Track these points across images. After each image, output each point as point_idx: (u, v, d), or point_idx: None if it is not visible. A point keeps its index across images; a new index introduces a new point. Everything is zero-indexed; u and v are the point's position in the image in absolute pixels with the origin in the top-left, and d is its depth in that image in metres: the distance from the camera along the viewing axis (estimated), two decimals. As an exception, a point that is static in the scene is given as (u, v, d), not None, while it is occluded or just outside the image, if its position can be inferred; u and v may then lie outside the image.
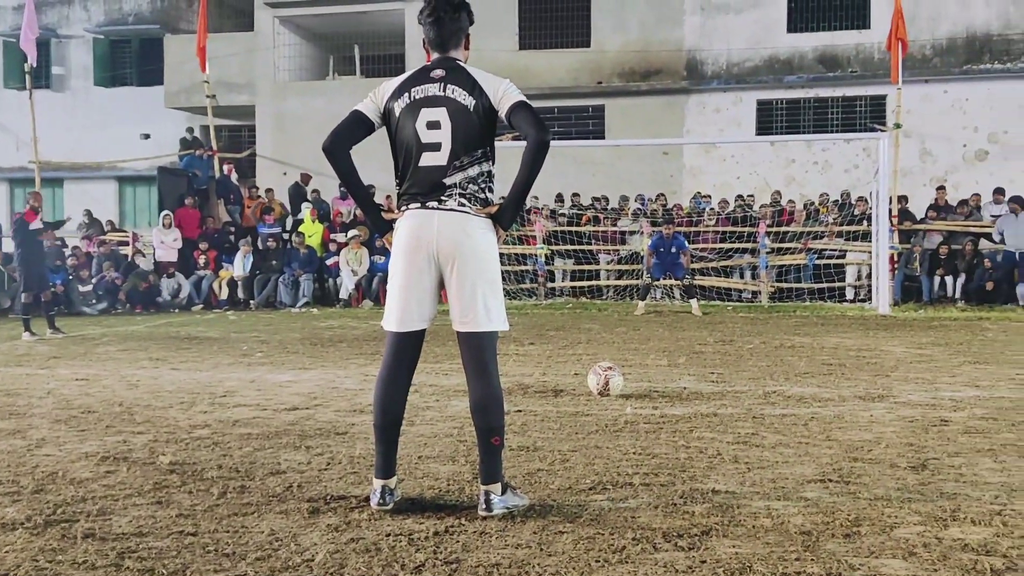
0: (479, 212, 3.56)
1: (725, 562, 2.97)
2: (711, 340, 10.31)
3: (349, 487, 3.96)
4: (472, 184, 3.56)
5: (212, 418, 5.60)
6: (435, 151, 3.55)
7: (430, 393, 6.55)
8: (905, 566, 2.93)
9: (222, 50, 21.36)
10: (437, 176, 3.55)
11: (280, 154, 21.92)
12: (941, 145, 19.27)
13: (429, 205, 3.55)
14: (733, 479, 4.06)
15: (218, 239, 17.84)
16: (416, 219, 3.57)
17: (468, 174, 3.55)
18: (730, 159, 20.22)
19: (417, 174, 3.58)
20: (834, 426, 5.27)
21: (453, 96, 3.55)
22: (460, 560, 3.01)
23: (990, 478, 4.05)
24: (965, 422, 5.36)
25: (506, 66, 20.77)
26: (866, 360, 8.42)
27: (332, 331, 11.87)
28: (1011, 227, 15.45)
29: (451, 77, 3.59)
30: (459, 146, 3.54)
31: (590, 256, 17.33)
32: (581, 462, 4.38)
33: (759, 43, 20.14)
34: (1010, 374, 7.45)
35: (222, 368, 8.08)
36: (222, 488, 3.92)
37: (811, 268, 16.27)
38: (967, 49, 19.34)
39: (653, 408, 5.88)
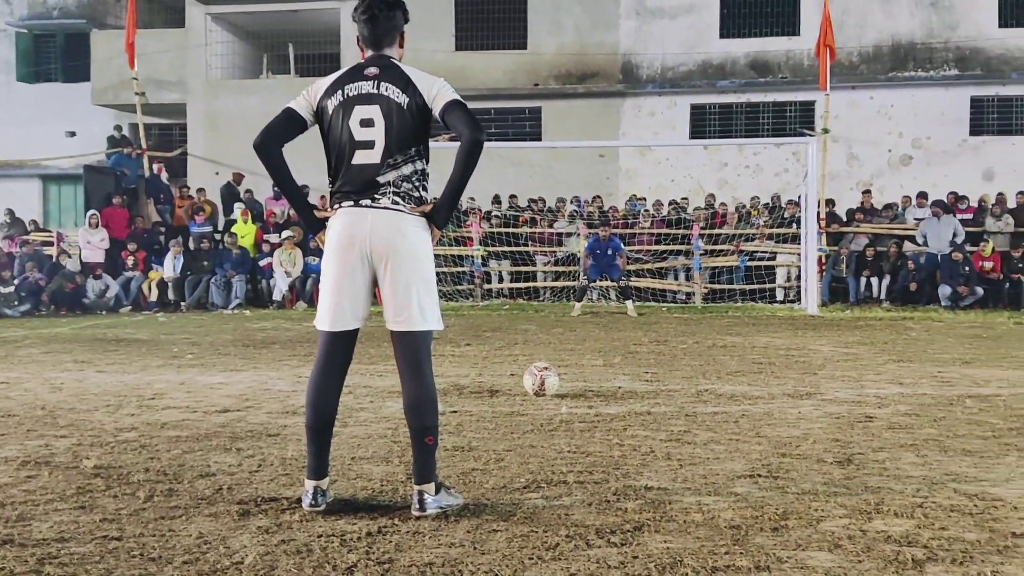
0: (413, 211, 3.54)
1: (656, 557, 3.00)
2: (646, 340, 10.42)
3: (281, 489, 3.90)
4: (406, 182, 3.53)
5: (139, 421, 5.47)
6: (368, 149, 3.52)
7: (364, 394, 6.50)
8: (830, 558, 3.00)
9: (152, 47, 20.94)
10: (370, 174, 3.52)
11: (212, 153, 21.56)
12: (867, 150, 19.77)
13: (362, 203, 3.52)
14: (665, 476, 4.10)
15: (147, 239, 17.46)
16: (349, 217, 3.53)
17: (402, 172, 3.53)
18: (665, 162, 20.48)
19: (350, 172, 3.54)
20: (764, 423, 5.36)
21: (387, 94, 3.53)
22: (393, 560, 2.99)
23: (912, 472, 4.16)
24: (889, 418, 5.50)
25: (442, 66, 20.73)
26: (795, 359, 8.59)
27: (265, 333, 11.70)
28: (933, 230, 15.91)
29: (385, 75, 3.56)
30: (393, 144, 3.51)
31: (527, 257, 17.38)
32: (516, 461, 4.39)
33: (693, 48, 20.43)
34: (932, 372, 7.67)
35: (151, 370, 7.90)
36: (149, 491, 3.83)
37: (743, 270, 16.56)
38: (892, 57, 19.87)
39: (588, 407, 5.91)
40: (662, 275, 17.11)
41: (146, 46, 20.26)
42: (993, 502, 3.65)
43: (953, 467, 4.25)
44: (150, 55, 20.64)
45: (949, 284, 15.19)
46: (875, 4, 19.86)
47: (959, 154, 19.48)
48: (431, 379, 3.58)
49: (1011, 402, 6.11)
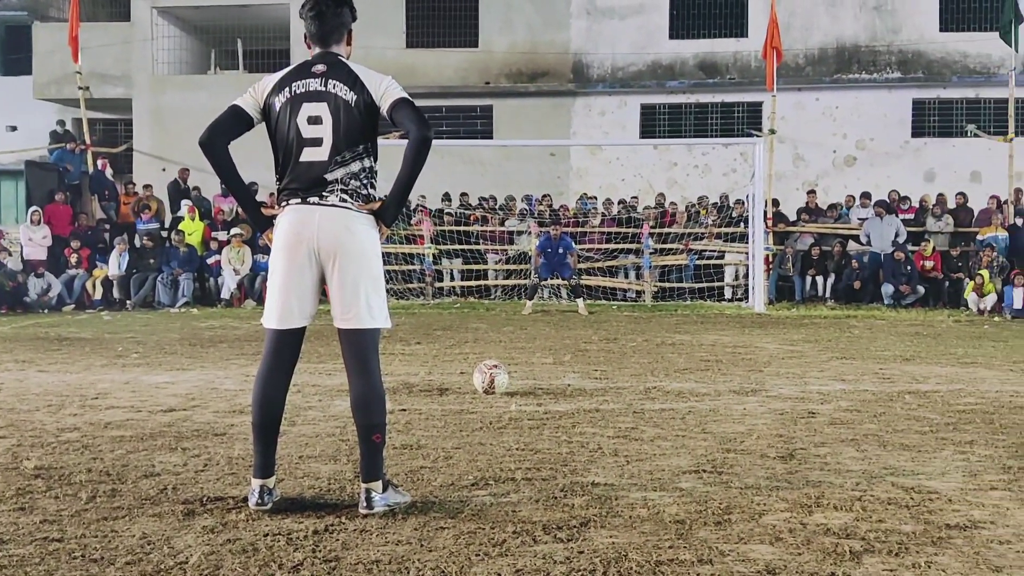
0: (361, 208, 3.54)
1: (602, 552, 3.04)
2: (596, 339, 10.49)
3: (227, 488, 3.87)
4: (354, 180, 3.53)
5: (82, 421, 5.38)
6: (316, 146, 3.52)
7: (312, 393, 6.47)
8: (772, 551, 3.06)
9: (96, 40, 20.53)
10: (318, 171, 3.51)
11: (158, 149, 21.21)
12: (812, 151, 20.10)
13: (310, 201, 3.51)
14: (612, 472, 4.14)
15: (91, 237, 17.14)
16: (297, 215, 3.52)
17: (350, 170, 3.52)
18: (615, 161, 20.61)
19: (298, 169, 3.54)
20: (709, 419, 5.44)
21: (334, 91, 3.52)
22: (340, 558, 2.99)
23: (852, 466, 4.25)
24: (831, 414, 5.61)
25: (393, 64, 20.64)
26: (741, 356, 8.72)
27: (212, 331, 11.56)
28: (876, 230, 16.24)
29: (332, 72, 3.56)
30: (340, 141, 3.51)
31: (478, 256, 17.39)
32: (464, 459, 4.40)
33: (642, 48, 20.59)
34: (874, 369, 7.84)
35: (94, 370, 7.77)
36: (91, 492, 3.78)
37: (691, 268, 16.73)
38: (837, 59, 20.22)
39: (537, 405, 5.94)
40: (612, 274, 17.23)
41: (90, 39, 19.85)
42: (929, 495, 3.75)
43: (891, 461, 4.36)
44: (94, 49, 20.23)
45: (891, 283, 15.51)
46: (820, 7, 20.19)
47: (901, 155, 19.89)
48: (379, 377, 3.59)
49: (949, 398, 6.27)
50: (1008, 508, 3.57)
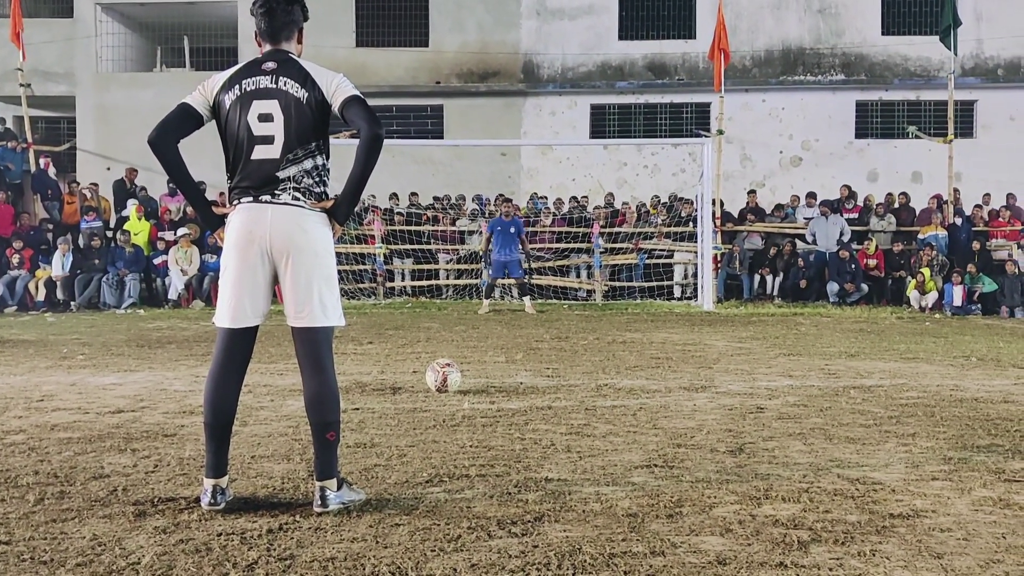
0: (314, 206, 3.54)
1: (556, 546, 3.07)
2: (547, 337, 10.55)
3: (178, 488, 3.84)
4: (307, 177, 3.53)
5: (28, 423, 5.29)
6: (268, 144, 3.51)
7: (264, 393, 6.42)
8: (722, 542, 3.12)
9: (37, 37, 20.09)
10: (270, 169, 3.50)
11: (103, 148, 20.85)
12: (759, 151, 20.40)
13: (262, 199, 3.50)
14: (565, 467, 4.19)
15: (34, 237, 16.79)
16: (249, 213, 3.51)
17: (302, 167, 3.52)
18: (565, 161, 20.72)
19: (249, 167, 3.52)
20: (660, 415, 5.51)
21: (285, 88, 3.51)
22: (294, 556, 2.99)
23: (799, 459, 4.35)
24: (779, 409, 5.72)
25: (343, 63, 20.53)
26: (691, 354, 8.83)
27: (160, 332, 11.40)
28: (821, 229, 16.55)
29: (283, 69, 3.55)
30: (292, 139, 3.50)
31: (429, 256, 17.36)
32: (418, 456, 4.41)
33: (592, 49, 20.73)
34: (820, 365, 8.00)
35: (39, 372, 7.63)
36: (39, 494, 3.72)
37: (641, 267, 16.88)
38: (783, 61, 20.55)
39: (490, 403, 5.97)
40: (563, 273, 17.32)
41: (32, 36, 19.41)
42: (873, 486, 3.84)
43: (837, 454, 4.46)
44: (36, 45, 19.79)
45: (836, 281, 15.81)
46: (766, 10, 20.51)
47: (845, 156, 20.28)
48: (333, 375, 3.59)
49: (892, 392, 6.43)
50: (949, 498, 3.68)
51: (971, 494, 3.73)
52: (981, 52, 20.11)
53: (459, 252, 17.44)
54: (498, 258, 14.52)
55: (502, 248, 14.43)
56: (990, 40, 20.01)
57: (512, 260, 14.49)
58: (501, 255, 14.46)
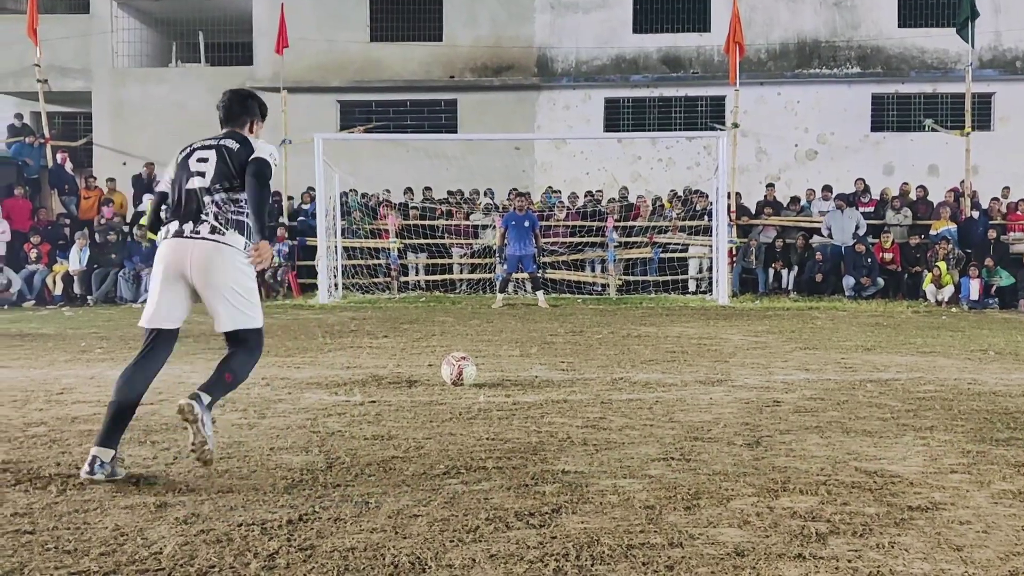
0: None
1: (574, 537, 3.08)
2: (562, 331, 10.55)
3: (198, 481, 3.87)
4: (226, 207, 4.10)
5: (49, 415, 5.34)
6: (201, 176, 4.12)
7: (282, 386, 6.45)
8: (740, 534, 3.13)
9: (54, 32, 20.22)
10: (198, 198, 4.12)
11: (119, 143, 20.96)
12: (775, 144, 20.32)
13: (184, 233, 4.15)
14: (582, 460, 4.20)
15: (51, 232, 16.91)
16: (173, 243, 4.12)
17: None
18: (579, 155, 20.69)
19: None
20: (676, 409, 5.52)
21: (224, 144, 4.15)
22: (315, 546, 3.01)
23: (817, 452, 4.34)
24: (796, 402, 5.71)
25: (357, 58, 20.61)
26: (707, 348, 8.82)
27: (177, 326, 11.45)
28: (837, 223, 16.47)
29: (228, 136, 4.20)
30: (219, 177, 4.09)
31: (443, 250, 17.39)
32: (435, 448, 4.43)
33: (606, 42, 20.68)
34: (836, 358, 7.97)
35: (58, 365, 7.69)
36: (61, 486, 3.76)
37: (656, 261, 16.85)
38: (798, 54, 20.46)
39: (506, 396, 5.98)
40: (578, 267, 17.30)
41: (48, 32, 19.55)
42: (891, 479, 3.84)
43: (855, 447, 4.45)
44: (53, 41, 19.92)
45: (852, 275, 15.74)
46: (781, 3, 20.41)
47: (861, 149, 20.18)
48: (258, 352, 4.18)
49: (908, 386, 6.41)
50: (968, 490, 3.67)
51: (990, 487, 3.72)
52: (999, 44, 19.96)
53: (472, 246, 17.45)
54: (512, 252, 14.54)
55: (516, 242, 14.43)
56: (1008, 32, 19.85)
57: (527, 254, 14.51)
58: (516, 249, 14.47)
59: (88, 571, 2.80)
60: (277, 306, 14.86)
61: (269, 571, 2.80)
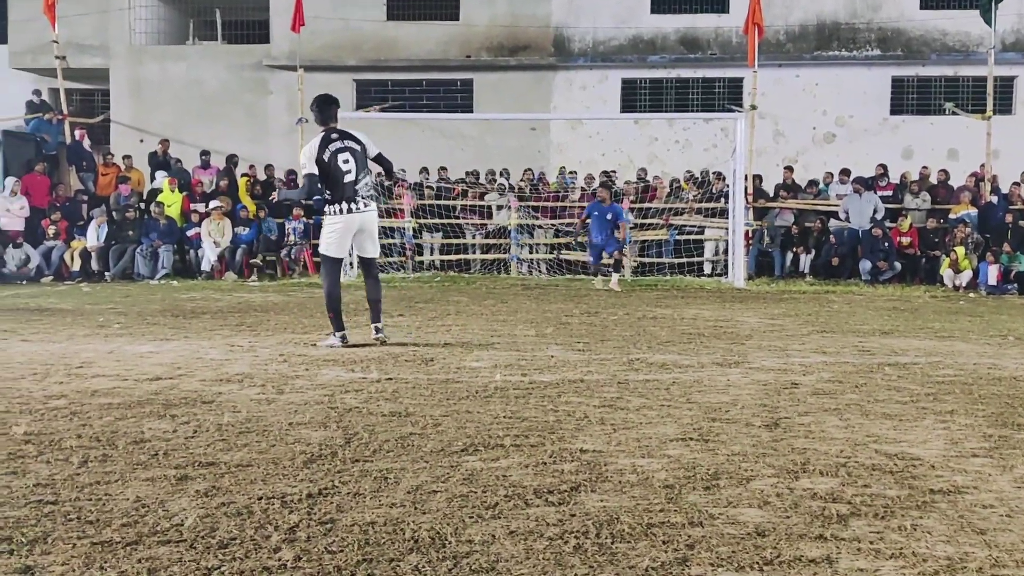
0: None
1: (594, 515, 3.08)
2: (577, 312, 10.54)
3: (218, 453, 3.88)
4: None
5: (69, 388, 5.37)
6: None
7: (299, 363, 6.47)
8: (760, 514, 3.12)
9: (72, 9, 20.20)
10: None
11: (136, 120, 20.98)
12: (792, 127, 20.16)
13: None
14: (600, 439, 4.19)
15: (69, 208, 16.98)
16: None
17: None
18: (596, 136, 20.59)
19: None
20: (694, 390, 5.50)
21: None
22: (335, 520, 3.02)
23: (836, 434, 4.32)
24: (814, 385, 5.68)
25: (373, 37, 20.55)
26: (723, 330, 8.80)
27: (194, 303, 11.51)
28: (855, 206, 16.35)
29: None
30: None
31: (458, 230, 17.36)
32: (453, 426, 4.44)
33: (624, 22, 20.53)
34: (853, 342, 7.93)
35: (77, 339, 7.73)
36: (82, 457, 3.78)
37: (672, 243, 16.79)
38: (817, 36, 20.26)
39: (522, 375, 5.98)
40: (593, 248, 17.21)
41: (67, 9, 19.55)
42: (912, 461, 3.82)
43: (874, 429, 4.43)
44: (71, 18, 19.93)
45: (869, 259, 15.65)
46: (802, -17, 20.20)
47: (880, 132, 20.00)
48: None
49: (928, 369, 6.37)
50: (990, 474, 3.64)
51: (1013, 471, 3.69)
52: (1022, 27, 19.71)
53: (487, 227, 17.42)
54: (596, 242, 14.48)
55: (599, 232, 14.38)
56: (1031, 15, 19.60)
57: (610, 241, 14.48)
58: (598, 239, 14.44)
59: (110, 541, 2.82)
60: (293, 284, 14.90)
61: (290, 544, 2.81)
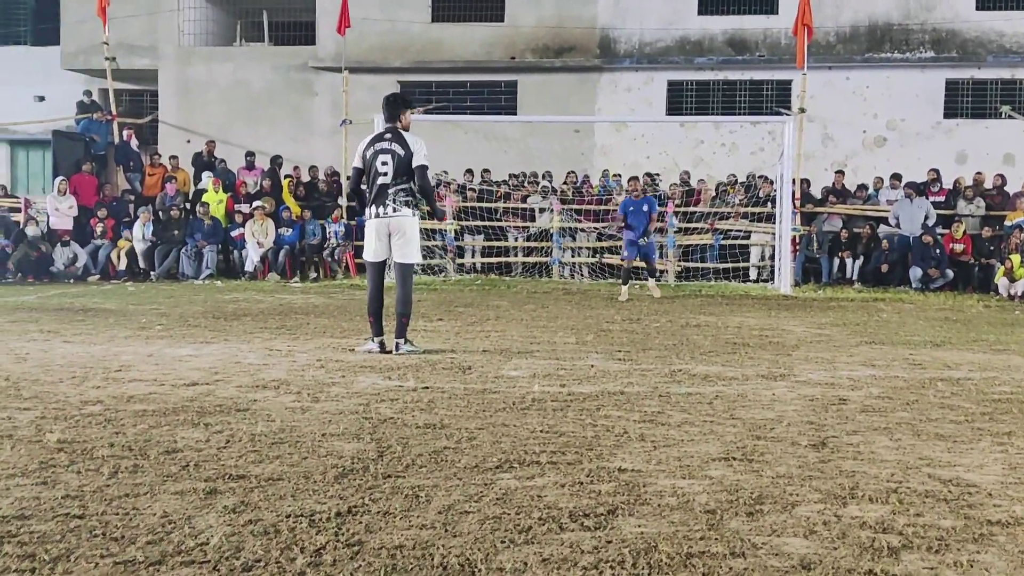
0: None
1: (631, 541, 2.96)
2: (618, 319, 10.39)
3: (249, 466, 3.82)
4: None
5: (105, 394, 5.36)
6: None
7: (335, 368, 6.42)
8: (806, 544, 2.97)
9: (123, 11, 20.48)
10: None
11: (184, 121, 21.22)
12: (842, 130, 19.80)
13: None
14: (639, 457, 4.06)
15: (116, 207, 17.18)
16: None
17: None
18: (640, 138, 20.40)
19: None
20: (738, 404, 5.34)
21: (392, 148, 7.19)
22: (363, 543, 2.93)
23: (886, 456, 4.15)
24: (862, 401, 5.50)
25: (418, 38, 20.54)
26: (768, 340, 8.60)
27: (236, 304, 11.56)
28: (906, 212, 15.98)
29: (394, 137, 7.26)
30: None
31: (500, 233, 17.28)
32: (488, 440, 4.33)
33: (670, 24, 20.31)
34: (904, 354, 7.70)
35: (118, 341, 7.77)
36: (113, 467, 3.74)
37: (717, 248, 16.55)
38: (869, 37, 19.87)
39: (560, 386, 5.86)
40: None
41: (117, 10, 19.81)
42: (968, 488, 3.64)
43: (927, 451, 4.25)
44: (121, 20, 20.21)
45: (920, 266, 15.28)
46: (854, -16, 19.82)
47: (932, 136, 19.56)
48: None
49: (982, 386, 6.14)
50: (1050, 504, 3.46)
51: (1074, 501, 3.50)
52: (1082, 29, 19.16)
53: (529, 229, 17.30)
54: (632, 238, 13.60)
55: (638, 229, 13.51)
56: (1092, 16, 19.04)
57: (650, 241, 13.81)
58: (636, 235, 13.55)
59: (134, 560, 2.75)
60: (335, 285, 14.92)
61: (315, 568, 2.73)
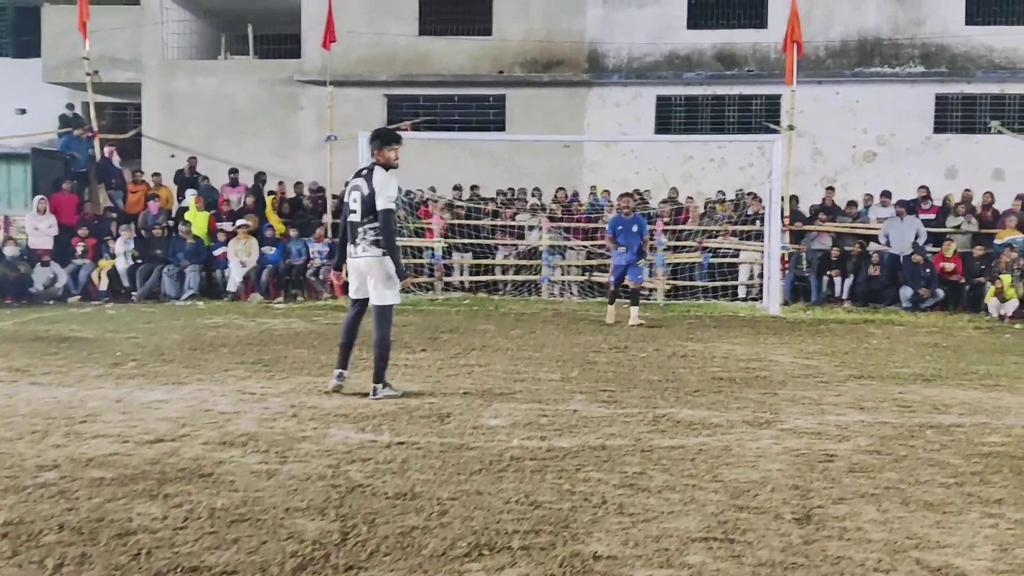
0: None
1: (601, 658, 2.78)
2: (605, 347, 10.23)
3: (204, 553, 3.63)
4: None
5: (64, 455, 5.14)
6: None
7: (308, 417, 6.22)
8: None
9: (105, 23, 20.23)
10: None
11: (167, 135, 21.01)
12: (832, 145, 19.69)
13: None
14: (616, 537, 3.88)
15: (98, 226, 16.94)
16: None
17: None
18: (629, 154, 20.24)
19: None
20: (721, 462, 5.17)
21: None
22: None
23: (873, 534, 3.98)
24: (850, 457, 5.33)
25: (405, 51, 20.38)
26: (755, 374, 8.45)
27: (216, 330, 11.35)
28: (896, 230, 15.82)
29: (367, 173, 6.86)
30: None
31: (488, 250, 17.09)
32: (460, 515, 4.15)
33: (660, 38, 20.19)
34: (893, 393, 7.55)
35: (88, 382, 7.55)
36: (59, 559, 3.54)
37: (706, 266, 16.39)
38: (858, 52, 19.77)
39: (541, 439, 5.68)
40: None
41: (100, 23, 19.55)
42: (957, 578, 3.47)
43: (915, 527, 4.08)
44: (104, 32, 19.96)
45: (910, 286, 15.15)
46: (843, -2, 19.73)
47: (922, 151, 19.47)
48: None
49: (972, 435, 5.98)
50: (1044, 599, 3.29)
51: (1070, 595, 3.34)
52: (1072, 43, 19.09)
53: (518, 247, 17.13)
54: (619, 261, 13.06)
55: (629, 248, 12.92)
56: (1082, 31, 18.97)
57: (634, 262, 13.09)
58: (622, 257, 12.96)
59: None
60: (319, 307, 14.71)
61: None
